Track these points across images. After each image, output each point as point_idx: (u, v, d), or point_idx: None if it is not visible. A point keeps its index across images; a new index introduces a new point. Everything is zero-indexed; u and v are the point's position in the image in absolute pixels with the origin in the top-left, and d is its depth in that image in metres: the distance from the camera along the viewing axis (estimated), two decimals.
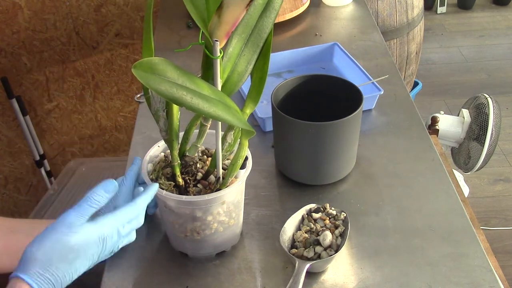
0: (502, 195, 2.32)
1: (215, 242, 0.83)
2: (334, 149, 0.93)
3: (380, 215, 0.91)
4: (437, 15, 3.76)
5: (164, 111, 0.75)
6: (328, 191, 0.97)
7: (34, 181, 2.18)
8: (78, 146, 2.19)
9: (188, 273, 0.84)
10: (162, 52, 1.42)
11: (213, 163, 0.78)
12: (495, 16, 3.73)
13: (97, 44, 1.93)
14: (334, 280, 0.81)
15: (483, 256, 0.83)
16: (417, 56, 2.18)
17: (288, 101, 0.99)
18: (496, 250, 1.89)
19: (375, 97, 1.15)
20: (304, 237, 0.84)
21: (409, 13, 1.98)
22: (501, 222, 2.19)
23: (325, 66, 1.33)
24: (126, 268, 0.84)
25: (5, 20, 1.79)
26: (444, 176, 0.98)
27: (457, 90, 2.98)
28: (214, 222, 0.80)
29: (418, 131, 1.10)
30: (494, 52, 3.33)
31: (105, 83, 2.03)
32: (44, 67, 1.94)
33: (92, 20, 1.87)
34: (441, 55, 3.32)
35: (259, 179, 1.00)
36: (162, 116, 0.75)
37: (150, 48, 0.72)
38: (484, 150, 1.78)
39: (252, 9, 0.68)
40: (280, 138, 0.97)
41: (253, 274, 0.82)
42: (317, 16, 1.59)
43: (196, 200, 0.76)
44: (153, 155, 0.84)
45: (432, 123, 1.86)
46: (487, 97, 1.84)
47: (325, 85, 1.00)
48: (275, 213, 0.93)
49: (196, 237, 0.81)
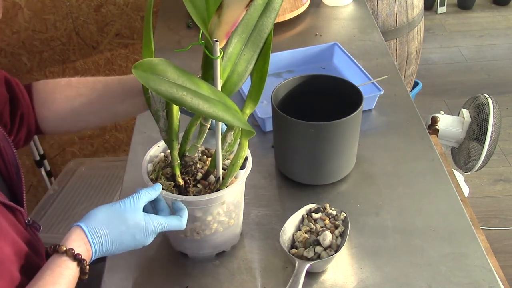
0: (502, 195, 2.32)
1: (215, 242, 0.83)
2: (334, 149, 0.92)
3: (380, 215, 0.91)
4: (437, 15, 3.76)
5: (164, 111, 0.75)
6: (328, 191, 0.97)
7: (34, 181, 2.18)
8: (78, 146, 2.19)
9: (188, 273, 0.84)
10: (162, 52, 1.42)
11: (213, 163, 0.78)
12: (495, 16, 3.72)
13: (97, 44, 1.93)
14: (334, 280, 0.81)
15: (483, 256, 0.83)
16: (417, 56, 2.17)
17: (288, 101, 0.99)
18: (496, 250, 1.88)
19: (375, 97, 1.15)
20: (304, 237, 0.84)
21: (409, 13, 1.98)
22: (501, 222, 2.19)
23: (325, 66, 1.33)
24: (126, 268, 0.85)
25: (5, 20, 1.79)
26: (444, 176, 0.98)
27: (457, 90, 2.98)
28: (214, 222, 0.80)
29: (418, 131, 1.10)
30: (494, 52, 3.33)
31: None
32: (44, 67, 1.94)
33: (92, 20, 1.87)
34: (441, 55, 3.32)
35: (259, 179, 1.00)
36: (162, 116, 0.75)
37: (150, 49, 0.72)
38: (484, 150, 1.78)
39: (252, 9, 0.68)
40: (280, 138, 0.97)
41: (253, 274, 0.82)
42: (317, 16, 1.59)
43: (196, 200, 0.76)
44: (153, 155, 0.84)
45: (432, 123, 1.85)
46: (487, 97, 1.84)
47: (325, 85, 1.00)
48: (275, 213, 0.93)
49: (196, 237, 0.81)
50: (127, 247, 0.73)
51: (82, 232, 0.69)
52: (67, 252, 0.67)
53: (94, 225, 0.70)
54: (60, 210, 1.83)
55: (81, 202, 1.85)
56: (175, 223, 0.74)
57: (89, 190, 1.92)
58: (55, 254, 0.67)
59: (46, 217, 1.80)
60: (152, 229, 0.72)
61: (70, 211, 1.82)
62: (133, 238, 0.72)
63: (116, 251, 0.72)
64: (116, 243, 0.71)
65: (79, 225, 0.70)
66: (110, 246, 0.71)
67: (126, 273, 0.84)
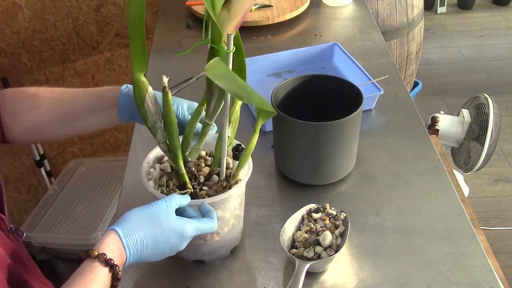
0: (502, 195, 2.32)
1: (231, 238, 0.83)
2: (334, 149, 0.92)
3: (380, 215, 0.91)
4: (437, 15, 3.76)
5: (161, 122, 0.74)
6: (328, 191, 0.97)
7: (34, 181, 2.18)
8: (78, 146, 2.19)
9: (188, 273, 0.84)
10: (162, 52, 1.42)
11: (216, 162, 0.78)
12: (495, 16, 3.72)
13: (97, 44, 1.93)
14: (334, 280, 0.81)
15: (483, 256, 0.83)
16: (417, 56, 2.17)
17: (288, 101, 0.99)
18: (496, 250, 1.88)
19: (375, 97, 1.15)
20: (304, 237, 0.84)
21: (409, 13, 1.98)
22: (501, 222, 2.19)
23: (325, 66, 1.33)
24: (126, 269, 0.84)
25: (5, 20, 1.79)
26: (444, 176, 0.98)
27: (457, 90, 2.98)
28: (231, 217, 0.80)
29: (418, 131, 1.10)
30: (494, 52, 3.33)
31: (105, 83, 2.03)
32: (44, 67, 1.94)
33: (92, 20, 1.87)
34: (441, 55, 3.32)
35: (259, 179, 1.00)
36: (159, 128, 0.74)
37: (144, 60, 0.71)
38: (484, 150, 1.78)
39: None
40: (280, 138, 0.97)
41: (253, 274, 0.82)
42: (317, 16, 1.59)
43: (223, 198, 0.75)
44: (154, 157, 0.84)
45: (432, 123, 1.86)
46: (487, 97, 1.84)
47: (325, 85, 1.00)
48: (275, 213, 0.93)
49: (216, 238, 0.80)
50: (161, 252, 0.70)
51: (117, 235, 0.67)
52: (99, 257, 0.64)
53: (129, 228, 0.68)
54: (60, 210, 1.84)
55: (81, 202, 1.86)
56: (209, 225, 0.73)
57: (89, 190, 1.92)
58: (87, 259, 0.65)
59: (46, 217, 1.80)
60: (186, 233, 0.70)
61: (70, 211, 1.82)
62: (167, 242, 0.69)
63: (150, 257, 0.70)
64: (151, 247, 0.69)
65: (114, 229, 0.67)
66: (145, 251, 0.68)
67: (127, 274, 0.84)
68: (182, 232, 0.70)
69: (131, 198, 0.98)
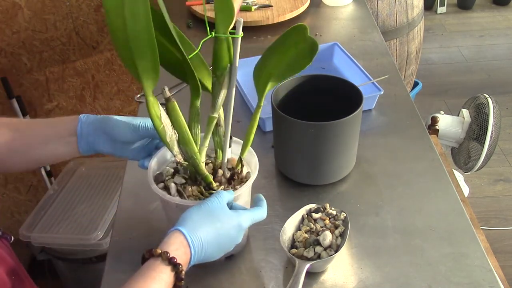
0: (502, 195, 2.32)
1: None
2: (334, 149, 0.92)
3: (380, 215, 0.91)
4: (437, 15, 3.76)
5: (176, 134, 0.74)
6: (328, 191, 0.97)
7: (34, 181, 2.18)
8: None
9: (187, 273, 0.83)
10: None
11: (220, 155, 0.80)
12: (495, 16, 3.73)
13: (97, 44, 1.93)
14: (334, 280, 0.81)
15: (483, 256, 0.83)
16: (417, 56, 2.17)
17: (288, 101, 0.99)
18: (496, 250, 1.89)
19: (375, 97, 1.15)
20: (304, 237, 0.84)
21: (409, 13, 1.98)
22: (501, 222, 2.19)
23: (325, 66, 1.33)
24: (126, 268, 0.84)
25: (5, 20, 1.79)
26: (444, 176, 0.98)
27: (457, 90, 2.98)
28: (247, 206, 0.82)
29: (418, 131, 1.10)
30: (494, 52, 3.33)
31: (105, 83, 2.03)
32: (44, 67, 1.94)
33: (92, 20, 1.86)
34: (441, 55, 3.32)
35: (259, 179, 1.00)
36: (175, 139, 0.74)
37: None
38: (484, 150, 1.78)
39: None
40: (280, 138, 0.97)
41: (253, 274, 0.82)
42: (317, 16, 1.59)
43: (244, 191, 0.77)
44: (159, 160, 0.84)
45: (432, 123, 1.86)
46: (487, 97, 1.84)
47: (325, 85, 1.00)
48: (275, 213, 0.93)
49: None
50: (222, 247, 0.71)
51: (181, 235, 0.67)
52: (162, 255, 0.64)
53: (191, 227, 0.68)
54: (60, 210, 1.83)
55: (81, 202, 1.85)
56: (260, 214, 0.75)
57: (89, 190, 1.92)
58: (150, 259, 0.65)
59: (46, 217, 1.80)
60: (242, 223, 0.72)
61: (70, 211, 1.82)
62: (228, 235, 0.70)
63: (213, 255, 0.70)
64: (214, 244, 0.69)
65: (177, 229, 0.68)
66: (208, 247, 0.69)
67: (127, 274, 0.83)
68: (240, 223, 0.72)
69: (131, 198, 0.98)
